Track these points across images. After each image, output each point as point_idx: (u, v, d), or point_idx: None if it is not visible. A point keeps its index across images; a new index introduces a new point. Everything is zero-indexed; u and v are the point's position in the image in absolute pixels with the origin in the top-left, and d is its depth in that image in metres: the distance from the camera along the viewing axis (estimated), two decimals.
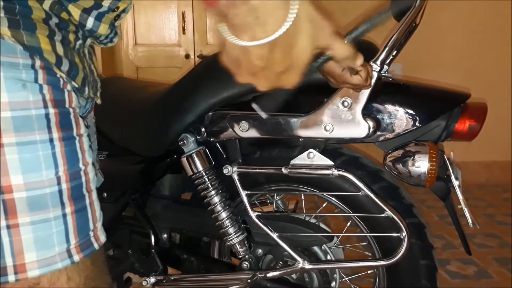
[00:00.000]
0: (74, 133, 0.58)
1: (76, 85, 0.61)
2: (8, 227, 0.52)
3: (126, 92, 1.13)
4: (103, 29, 0.65)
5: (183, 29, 3.44)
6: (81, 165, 0.58)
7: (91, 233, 0.60)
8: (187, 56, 3.48)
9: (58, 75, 0.56)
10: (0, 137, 0.50)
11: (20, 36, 0.51)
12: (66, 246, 0.56)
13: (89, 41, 0.65)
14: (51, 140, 0.54)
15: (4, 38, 0.50)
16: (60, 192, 0.55)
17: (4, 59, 0.50)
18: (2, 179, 0.51)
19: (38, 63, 0.53)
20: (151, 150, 1.01)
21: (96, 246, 0.60)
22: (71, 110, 0.58)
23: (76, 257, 0.57)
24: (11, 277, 0.53)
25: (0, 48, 0.49)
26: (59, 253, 0.56)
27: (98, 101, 0.72)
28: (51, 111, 0.54)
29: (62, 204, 0.56)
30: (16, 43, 0.51)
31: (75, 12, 0.60)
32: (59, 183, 0.55)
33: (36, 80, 0.53)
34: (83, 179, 0.59)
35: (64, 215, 0.56)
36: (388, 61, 0.79)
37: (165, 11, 3.41)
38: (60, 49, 0.57)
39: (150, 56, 3.44)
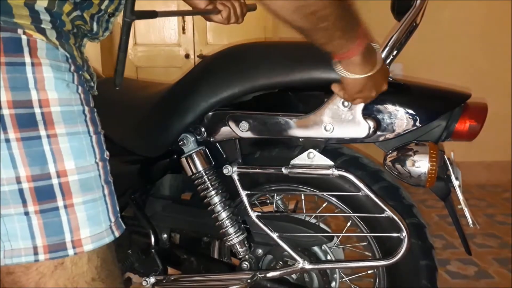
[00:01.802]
0: (99, 129, 0.67)
1: (92, 84, 0.71)
2: (65, 206, 0.60)
3: (126, 92, 1.13)
4: (101, 30, 0.74)
5: (183, 29, 3.44)
6: (105, 155, 0.67)
7: (119, 214, 0.69)
8: (187, 56, 3.47)
9: (83, 78, 0.66)
10: (54, 128, 0.59)
11: (62, 45, 0.62)
12: (109, 223, 0.65)
13: (85, 40, 0.72)
14: (88, 132, 0.64)
15: (58, 47, 0.61)
16: (99, 176, 0.65)
17: (54, 62, 0.60)
18: (58, 165, 0.59)
19: (72, 67, 0.63)
20: (151, 150, 1.01)
21: (124, 226, 0.69)
22: (95, 109, 0.67)
23: (116, 233, 0.66)
24: (70, 251, 0.61)
25: (47, 51, 0.59)
26: (105, 229, 0.64)
27: (95, 93, 0.77)
28: (86, 108, 0.64)
29: (102, 187, 0.65)
30: (63, 51, 0.61)
31: (88, 19, 0.68)
32: (98, 169, 0.64)
33: (73, 81, 0.62)
34: (108, 167, 0.68)
35: (104, 196, 0.65)
36: (388, 60, 0.79)
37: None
38: (79, 54, 0.67)
39: (150, 56, 3.43)
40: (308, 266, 0.93)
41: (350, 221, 1.02)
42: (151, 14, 0.75)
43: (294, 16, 0.63)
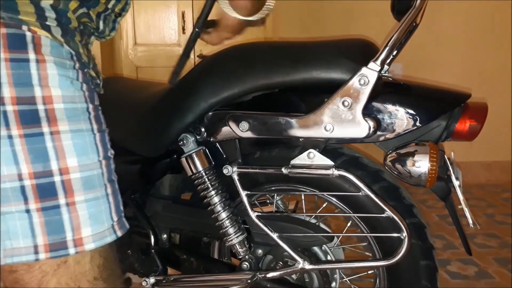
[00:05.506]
0: (103, 127, 0.67)
1: (99, 81, 0.70)
2: (67, 204, 0.60)
3: (126, 92, 1.13)
4: (107, 29, 0.74)
5: (183, 29, 3.44)
6: (109, 154, 0.67)
7: (122, 214, 0.68)
8: None
9: (88, 75, 0.66)
10: (57, 125, 0.59)
11: (68, 42, 0.62)
12: (111, 222, 0.65)
13: (93, 38, 0.73)
14: (92, 130, 0.63)
15: (63, 45, 0.61)
16: (102, 174, 0.64)
17: (58, 60, 0.59)
18: (61, 162, 0.59)
19: (77, 64, 0.63)
20: (151, 150, 1.01)
21: (127, 225, 0.69)
22: (99, 107, 0.67)
23: (119, 233, 0.66)
24: (72, 250, 0.61)
25: (51, 48, 0.59)
26: (107, 228, 0.64)
27: (101, 92, 0.77)
28: (90, 106, 0.64)
29: (105, 185, 0.65)
30: (68, 48, 0.61)
31: (94, 17, 0.69)
32: (101, 167, 0.64)
33: (77, 79, 0.62)
34: (112, 166, 0.68)
35: (107, 195, 0.65)
36: (388, 60, 0.79)
37: (165, 11, 3.41)
38: (85, 52, 0.67)
39: (150, 56, 3.43)
40: (308, 266, 0.92)
41: (350, 221, 1.02)
42: (214, 23, 0.86)
43: None
